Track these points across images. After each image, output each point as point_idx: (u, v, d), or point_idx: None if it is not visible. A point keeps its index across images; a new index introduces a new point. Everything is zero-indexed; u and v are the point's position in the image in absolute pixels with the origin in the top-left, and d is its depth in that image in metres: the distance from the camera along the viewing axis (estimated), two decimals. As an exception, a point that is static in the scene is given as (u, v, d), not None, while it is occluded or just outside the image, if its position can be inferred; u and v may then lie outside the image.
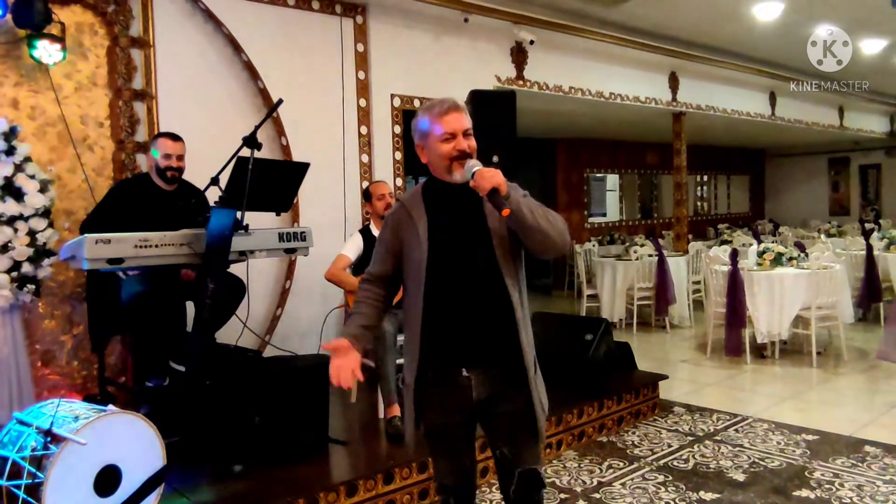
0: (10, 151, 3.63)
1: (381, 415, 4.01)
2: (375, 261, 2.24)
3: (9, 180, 3.59)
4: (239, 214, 3.24)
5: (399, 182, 5.64)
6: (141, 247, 3.12)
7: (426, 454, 3.52)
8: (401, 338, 4.24)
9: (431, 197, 2.16)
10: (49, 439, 2.44)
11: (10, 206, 3.58)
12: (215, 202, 3.25)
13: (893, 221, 13.40)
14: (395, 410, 3.84)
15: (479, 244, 2.07)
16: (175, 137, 3.78)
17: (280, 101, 3.41)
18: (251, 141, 3.27)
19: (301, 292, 5.06)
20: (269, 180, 3.44)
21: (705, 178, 15.19)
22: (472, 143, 2.10)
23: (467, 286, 2.07)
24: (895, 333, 5.50)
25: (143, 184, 3.81)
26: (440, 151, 2.08)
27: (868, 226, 10.69)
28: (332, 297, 4.93)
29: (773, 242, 9.36)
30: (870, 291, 7.60)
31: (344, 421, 4.15)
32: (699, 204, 14.96)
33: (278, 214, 3.63)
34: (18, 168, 3.63)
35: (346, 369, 2.09)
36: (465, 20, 5.73)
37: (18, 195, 3.61)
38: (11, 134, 3.64)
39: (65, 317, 4.15)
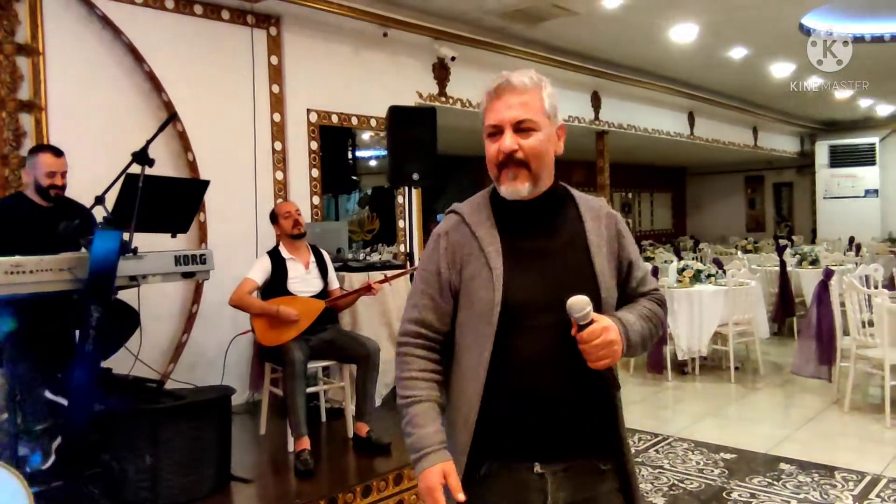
0: None
1: (290, 448, 3.78)
2: (425, 305, 1.54)
3: None
4: (126, 236, 2.98)
5: (316, 200, 5.43)
6: (12, 273, 2.80)
7: (336, 488, 3.34)
8: (311, 365, 4.04)
9: (502, 212, 1.53)
10: None
11: None
12: (100, 223, 2.98)
13: (805, 237, 14.00)
14: (304, 443, 3.61)
15: (578, 289, 1.43)
16: (57, 152, 3.47)
17: (174, 115, 3.21)
18: (142, 157, 3.02)
19: (209, 317, 4.77)
20: (164, 199, 3.19)
21: (629, 195, 15.52)
22: (530, 141, 1.45)
23: (554, 348, 1.43)
24: (807, 348, 5.62)
25: (18, 203, 3.47)
26: (487, 152, 1.50)
27: (782, 242, 11.08)
28: (243, 321, 4.65)
29: (693, 259, 9.58)
30: (784, 306, 7.83)
31: (251, 455, 3.90)
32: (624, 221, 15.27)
33: (174, 236, 3.37)
34: None
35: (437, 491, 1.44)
36: (385, 34, 5.61)
37: None
38: None
39: (-64, 349, 3.75)
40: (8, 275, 2.80)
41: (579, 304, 1.38)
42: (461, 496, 1.42)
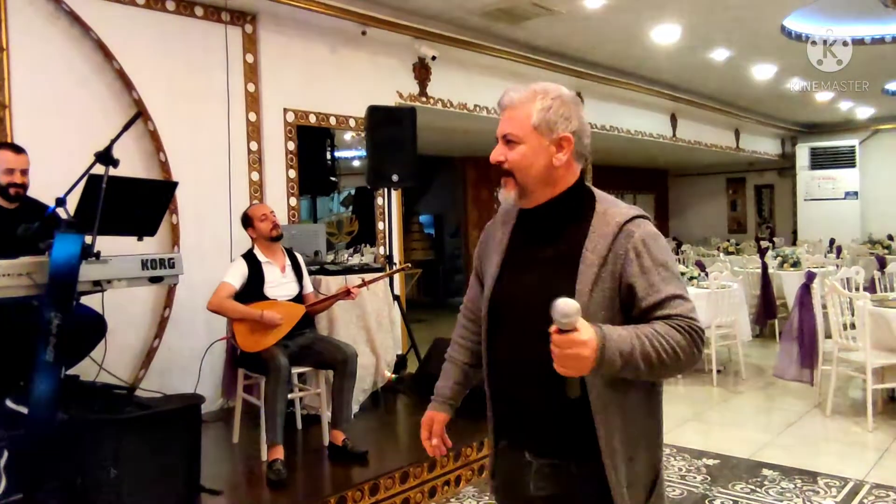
0: None
1: (264, 457, 3.67)
2: (471, 283, 1.82)
3: None
4: (89, 240, 2.86)
5: (293, 202, 5.31)
6: (-33, 278, 2.69)
7: (309, 499, 3.25)
8: (296, 370, 3.93)
9: (521, 216, 1.65)
10: None
11: None
12: (61, 226, 2.85)
13: (786, 239, 14.06)
14: (278, 452, 3.51)
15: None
16: (17, 149, 3.35)
17: (138, 114, 3.09)
18: (105, 157, 2.91)
19: (182, 321, 4.64)
20: (129, 201, 3.08)
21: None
22: (513, 154, 1.53)
23: (530, 351, 1.44)
24: (789, 351, 5.59)
25: None
26: None
27: (763, 244, 11.10)
28: (218, 326, 4.52)
29: (675, 261, 9.54)
30: (766, 309, 7.81)
31: (223, 465, 3.79)
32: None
33: (140, 239, 3.25)
34: None
35: (427, 443, 1.79)
36: (363, 33, 5.50)
37: None
38: None
39: None
40: (-38, 280, 2.68)
41: (565, 308, 1.27)
42: (433, 441, 1.77)
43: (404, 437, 4.41)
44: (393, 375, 4.96)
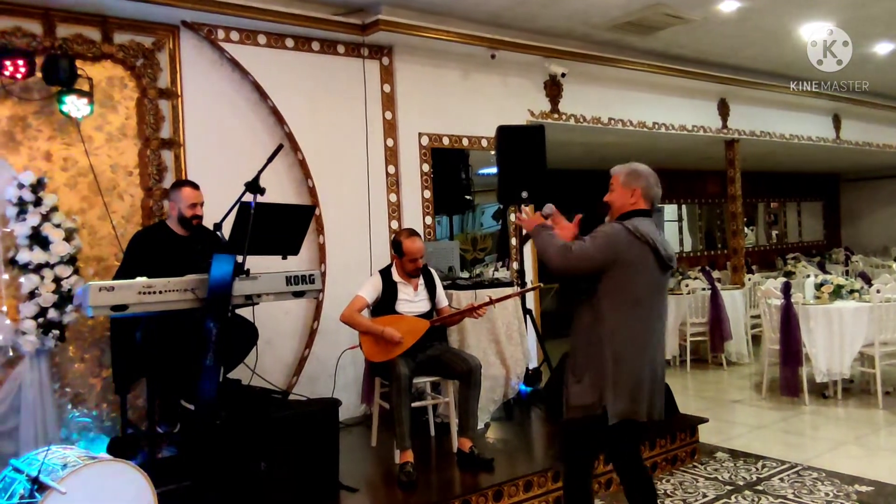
0: (38, 202, 3.80)
1: (398, 460, 3.92)
2: None
3: (36, 230, 3.76)
4: (240, 259, 3.26)
5: (428, 220, 5.60)
6: (145, 293, 3.18)
7: (435, 500, 3.43)
8: (420, 380, 4.18)
9: None
10: (36, 487, 2.48)
11: (36, 255, 3.75)
12: (219, 248, 3.29)
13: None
14: (408, 456, 3.74)
15: None
16: (195, 186, 3.90)
17: (279, 148, 3.46)
18: (253, 186, 3.31)
19: (329, 333, 5.04)
20: (274, 224, 3.46)
21: (773, 205, 14.53)
22: None
23: None
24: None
25: (160, 232, 3.91)
26: None
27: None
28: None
29: (843, 272, 8.81)
30: (948, 325, 6.99)
31: (361, 466, 4.08)
32: (769, 232, 14.32)
33: (285, 258, 3.63)
34: (45, 218, 3.80)
35: None
36: (492, 56, 5.69)
37: (45, 244, 3.78)
38: (39, 185, 3.82)
39: (94, 360, 4.26)
40: (141, 294, 3.17)
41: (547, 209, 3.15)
42: None
43: (532, 448, 4.50)
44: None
